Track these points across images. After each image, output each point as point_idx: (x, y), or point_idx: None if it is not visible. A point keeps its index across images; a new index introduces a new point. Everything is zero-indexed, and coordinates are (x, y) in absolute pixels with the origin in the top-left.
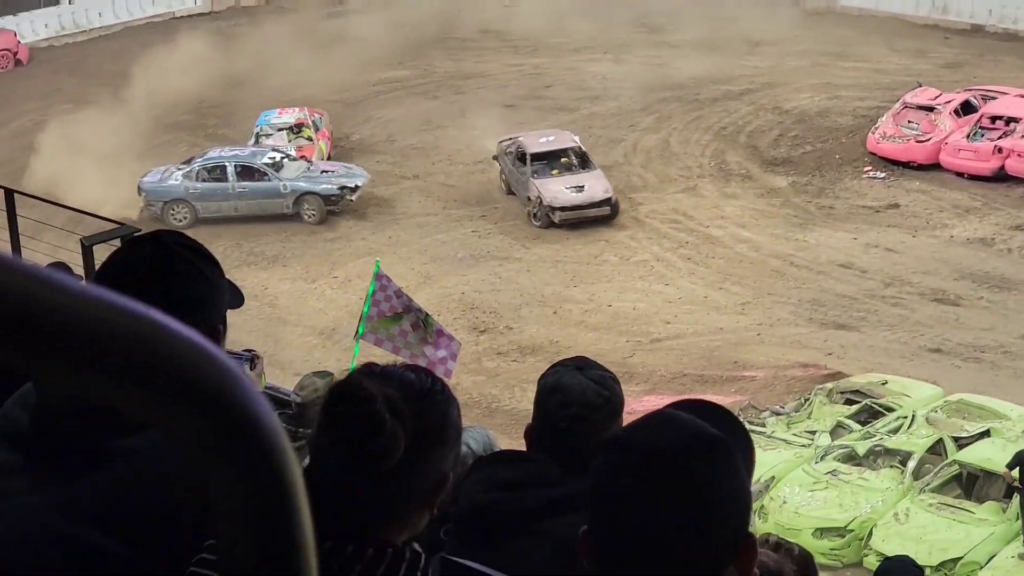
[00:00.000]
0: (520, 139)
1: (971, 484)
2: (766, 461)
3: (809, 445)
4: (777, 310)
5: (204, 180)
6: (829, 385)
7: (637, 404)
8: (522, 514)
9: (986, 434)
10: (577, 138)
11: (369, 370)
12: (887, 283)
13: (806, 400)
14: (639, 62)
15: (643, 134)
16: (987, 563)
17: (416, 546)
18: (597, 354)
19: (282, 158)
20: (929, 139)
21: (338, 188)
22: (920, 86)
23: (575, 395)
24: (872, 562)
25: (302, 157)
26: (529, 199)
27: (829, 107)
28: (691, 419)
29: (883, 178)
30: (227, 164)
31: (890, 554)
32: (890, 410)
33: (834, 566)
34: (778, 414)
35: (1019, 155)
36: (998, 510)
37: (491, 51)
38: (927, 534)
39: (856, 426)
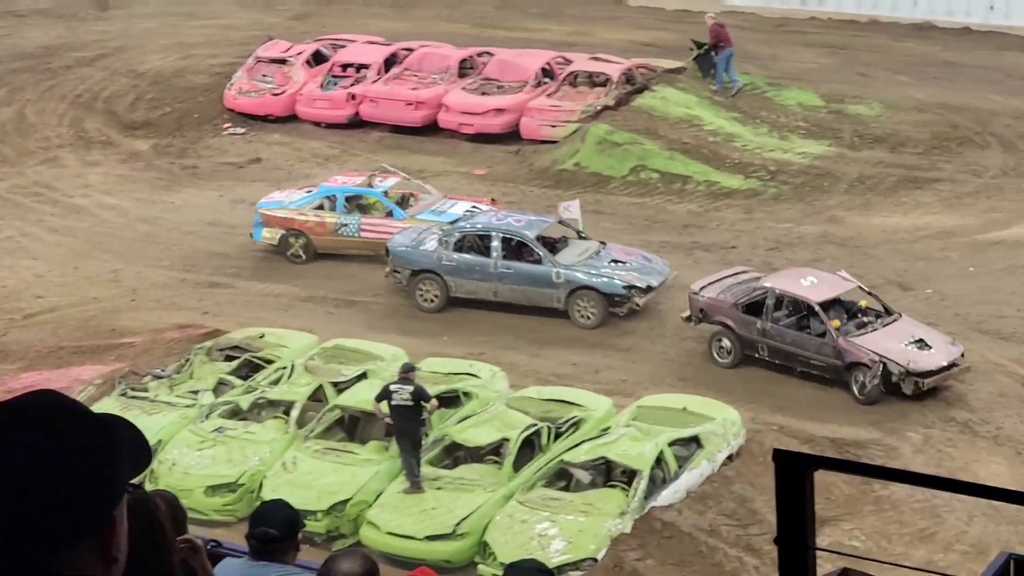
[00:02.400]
0: (766, 284)
1: (354, 426)
2: (151, 426)
3: (193, 405)
4: (150, 274)
5: (461, 251)
6: (208, 343)
7: (15, 382)
8: None
9: (363, 376)
10: (847, 274)
11: None
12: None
13: (186, 360)
14: None
15: None
16: (375, 501)
17: None
18: None
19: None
20: (284, 91)
21: (624, 287)
22: (271, 39)
23: None
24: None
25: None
26: (854, 367)
27: (184, 67)
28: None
29: (243, 133)
30: (492, 235)
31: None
32: (269, 362)
33: (229, 521)
34: (159, 377)
35: (372, 100)
36: (381, 449)
37: None
38: (315, 479)
39: (238, 381)
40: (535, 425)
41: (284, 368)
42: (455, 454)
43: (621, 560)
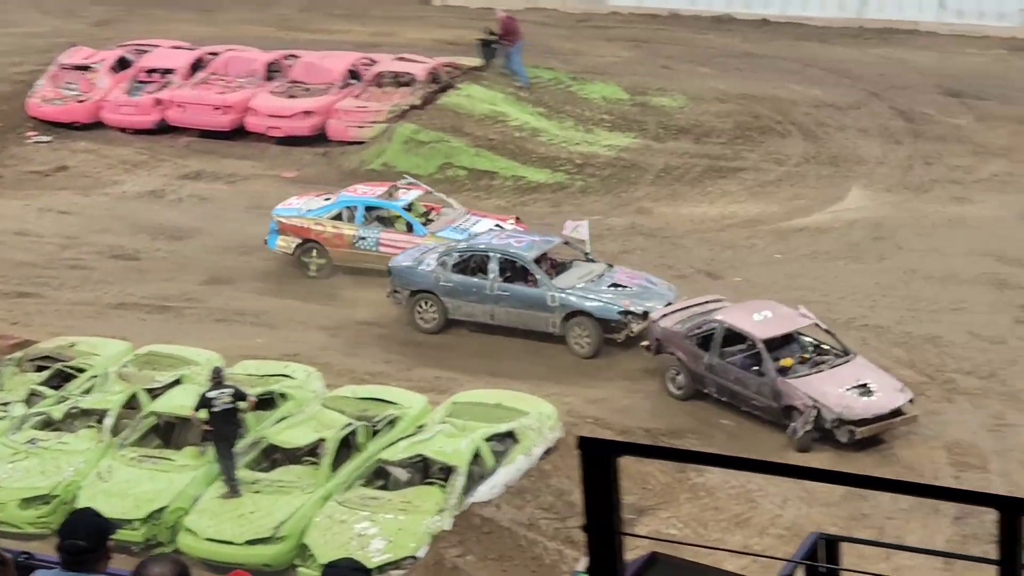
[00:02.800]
0: (717, 316)
1: (169, 432)
2: None
3: (4, 417)
4: None
5: (460, 272)
6: (18, 354)
7: None
8: None
9: (178, 382)
10: (807, 311)
11: None
12: (64, 246)
13: None
14: None
15: None
16: (193, 507)
17: None
18: None
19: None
20: (89, 98)
21: (620, 311)
22: (74, 46)
23: None
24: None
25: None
26: (791, 409)
27: None
28: None
29: (48, 142)
30: (491, 256)
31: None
32: (82, 371)
33: (44, 533)
34: None
35: (178, 105)
36: (197, 454)
37: None
38: (132, 488)
39: (50, 391)
40: (351, 424)
41: (97, 376)
42: (272, 456)
43: (442, 557)
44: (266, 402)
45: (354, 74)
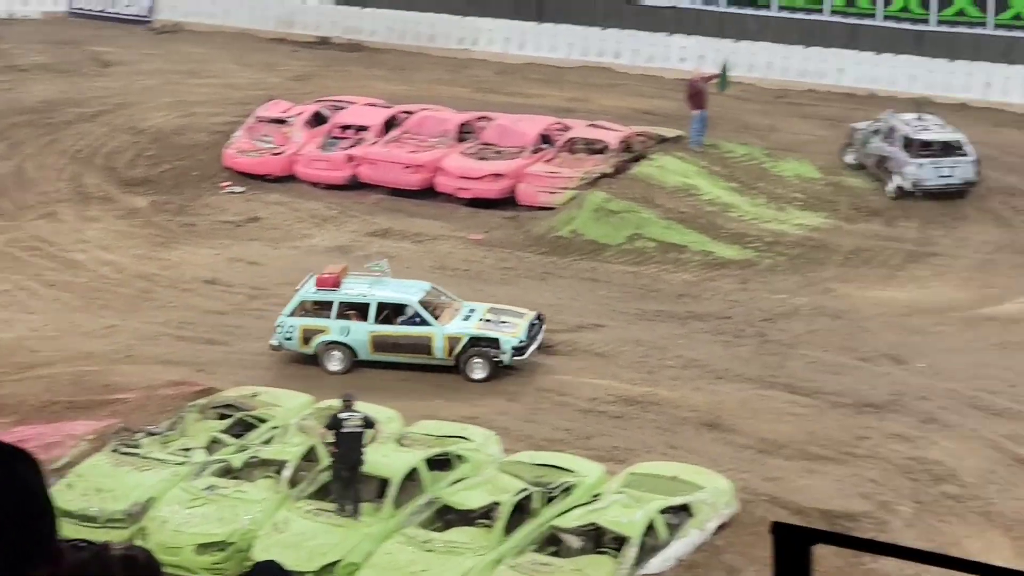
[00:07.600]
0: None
1: None
2: (142, 482)
3: (185, 462)
4: (145, 330)
5: None
6: (202, 401)
7: (7, 435)
8: None
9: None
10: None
11: None
12: (252, 296)
13: (179, 418)
14: None
15: None
16: (365, 562)
17: None
18: None
19: None
20: (283, 151)
21: None
22: (272, 100)
23: None
24: None
25: None
26: None
27: (184, 125)
28: None
29: (242, 192)
30: None
31: None
32: (263, 421)
33: None
34: (153, 434)
35: (370, 162)
36: (372, 510)
37: None
38: (306, 540)
39: (231, 440)
40: (527, 489)
41: (277, 427)
42: (446, 517)
43: None
44: (442, 463)
45: (546, 139)
